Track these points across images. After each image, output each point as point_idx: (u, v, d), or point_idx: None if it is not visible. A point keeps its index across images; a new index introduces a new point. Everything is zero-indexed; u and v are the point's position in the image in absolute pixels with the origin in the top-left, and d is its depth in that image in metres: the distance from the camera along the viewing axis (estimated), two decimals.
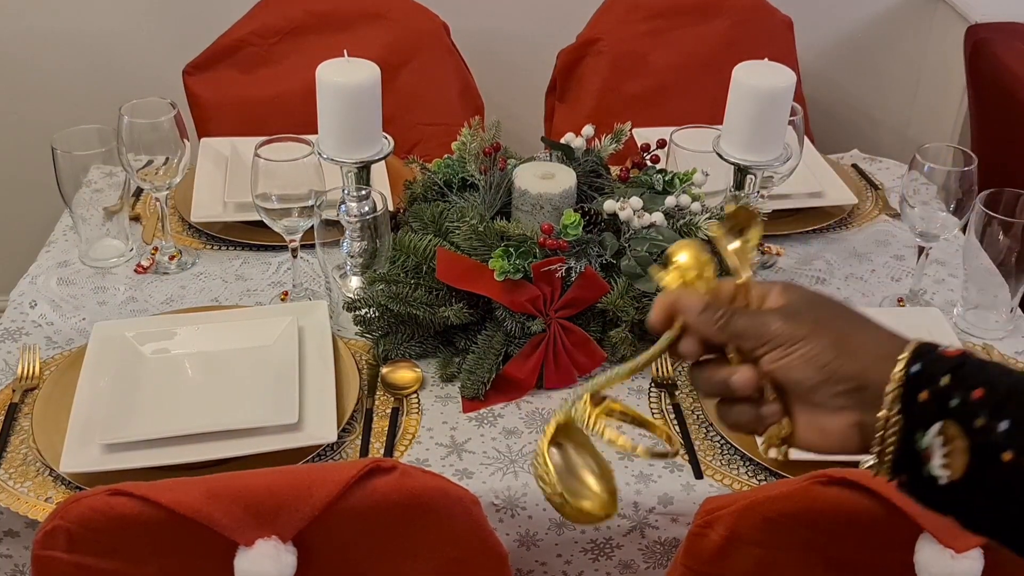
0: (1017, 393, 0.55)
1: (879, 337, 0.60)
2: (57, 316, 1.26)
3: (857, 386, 0.58)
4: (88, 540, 0.86)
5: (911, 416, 0.56)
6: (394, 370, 1.17)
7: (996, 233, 1.21)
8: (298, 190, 1.21)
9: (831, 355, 0.58)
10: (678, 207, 1.21)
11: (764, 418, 0.62)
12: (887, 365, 0.57)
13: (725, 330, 0.61)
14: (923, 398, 0.56)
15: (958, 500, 0.56)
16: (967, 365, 0.56)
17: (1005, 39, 2.00)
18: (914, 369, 0.57)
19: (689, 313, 0.62)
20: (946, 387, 0.56)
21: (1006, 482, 0.53)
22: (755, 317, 0.61)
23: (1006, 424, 0.53)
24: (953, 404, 0.55)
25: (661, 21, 1.98)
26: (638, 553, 1.05)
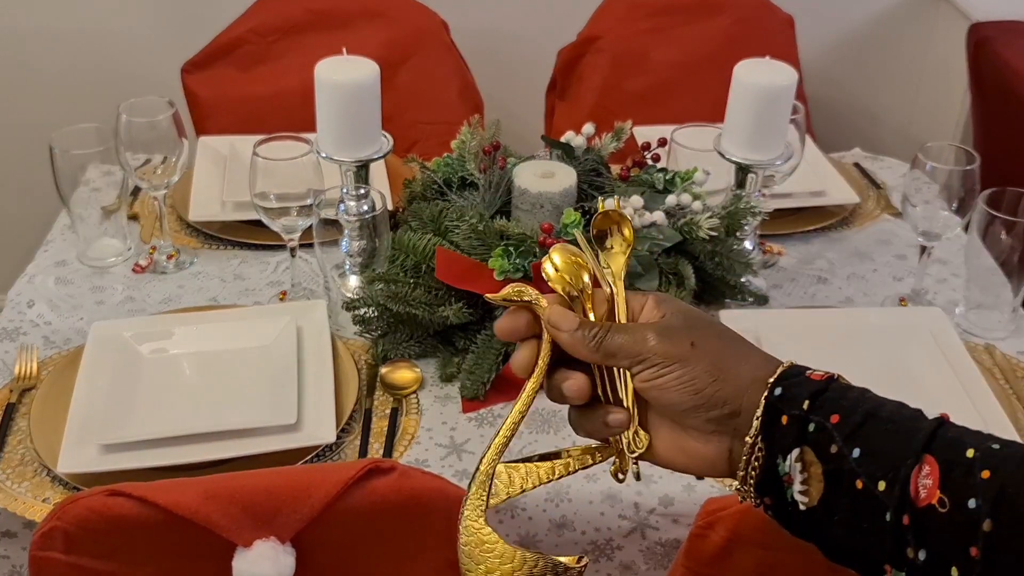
0: (873, 419, 0.54)
1: (754, 360, 0.58)
2: (55, 316, 1.26)
3: (731, 412, 0.57)
4: (86, 541, 0.86)
5: (772, 441, 0.56)
6: (393, 370, 1.16)
7: (998, 232, 1.20)
8: (297, 189, 1.21)
9: (707, 380, 0.57)
10: (679, 206, 1.21)
11: (610, 427, 0.60)
12: (758, 390, 0.57)
13: (600, 349, 0.58)
14: (784, 423, 0.56)
15: (818, 526, 0.55)
16: (829, 390, 0.56)
17: (1007, 37, 1.99)
18: (776, 393, 0.56)
19: (562, 333, 0.59)
20: (805, 412, 0.55)
21: (859, 509, 0.53)
22: (632, 334, 0.58)
23: (858, 451, 0.53)
24: (811, 430, 0.55)
25: (662, 19, 1.98)
26: (639, 554, 1.05)
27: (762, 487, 0.57)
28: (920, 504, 0.51)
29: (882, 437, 0.53)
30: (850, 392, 0.56)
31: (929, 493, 0.51)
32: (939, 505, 0.50)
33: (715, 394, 0.57)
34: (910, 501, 0.51)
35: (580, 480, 1.03)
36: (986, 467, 0.50)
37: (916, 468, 0.52)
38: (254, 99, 1.86)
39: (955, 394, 1.13)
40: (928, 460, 0.52)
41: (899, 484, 0.52)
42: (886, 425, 0.54)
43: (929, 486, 0.51)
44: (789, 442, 0.55)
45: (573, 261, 0.60)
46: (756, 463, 0.57)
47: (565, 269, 0.59)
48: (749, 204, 1.23)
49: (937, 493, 0.51)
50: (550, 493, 1.02)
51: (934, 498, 0.51)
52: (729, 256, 1.21)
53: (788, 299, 1.33)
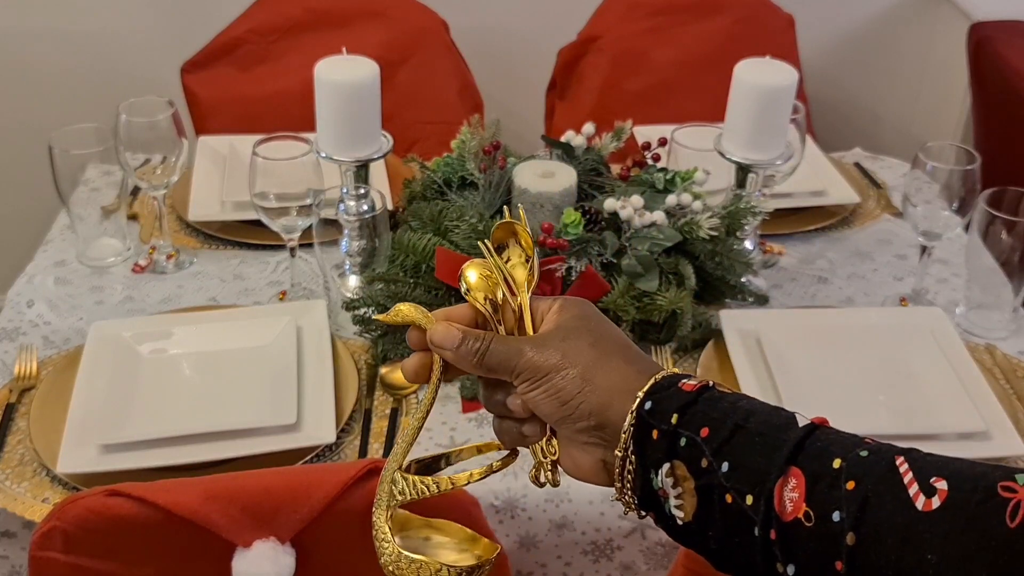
0: (741, 432, 0.53)
1: (625, 371, 0.57)
2: (54, 316, 1.26)
3: (598, 423, 0.56)
4: (85, 541, 0.86)
5: (644, 456, 0.55)
6: (393, 370, 1.16)
7: (999, 232, 1.20)
8: (296, 189, 1.21)
9: (574, 391, 0.56)
10: (679, 206, 1.21)
11: (526, 436, 0.61)
12: (626, 402, 0.56)
13: (482, 364, 0.59)
14: (655, 437, 0.55)
15: (697, 540, 0.55)
16: (700, 402, 0.55)
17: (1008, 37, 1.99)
18: (646, 407, 0.55)
19: (446, 352, 0.60)
20: (675, 426, 0.54)
21: (730, 524, 0.52)
22: (509, 347, 0.59)
23: (727, 465, 0.52)
24: (682, 444, 0.54)
25: (662, 18, 1.98)
26: (639, 555, 1.05)
27: (643, 502, 0.57)
28: (786, 518, 0.50)
29: (750, 450, 0.52)
30: (721, 403, 0.55)
31: (795, 507, 0.50)
32: (805, 519, 0.49)
33: (580, 405, 0.56)
34: (775, 515, 0.50)
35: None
36: (851, 477, 0.49)
37: (781, 481, 0.50)
38: (254, 99, 1.86)
39: (955, 394, 1.12)
40: (794, 472, 0.50)
41: (764, 498, 0.50)
42: (755, 437, 0.53)
43: (795, 499, 0.50)
44: (660, 456, 0.55)
45: (486, 276, 0.61)
46: (630, 475, 0.56)
47: (479, 285, 0.61)
48: (749, 204, 1.23)
49: (803, 506, 0.49)
50: (550, 494, 1.02)
51: (800, 511, 0.49)
52: (729, 256, 1.21)
53: (788, 299, 1.33)
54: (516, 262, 0.62)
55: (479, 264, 0.61)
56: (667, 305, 1.14)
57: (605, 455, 0.57)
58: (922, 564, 0.45)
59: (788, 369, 1.15)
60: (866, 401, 1.13)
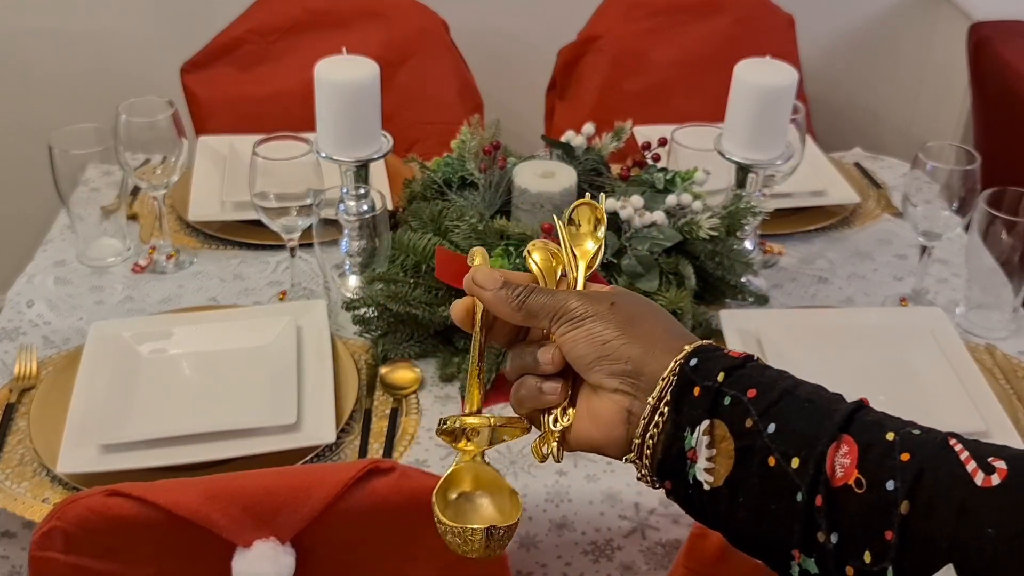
0: (791, 396, 0.53)
1: (670, 330, 0.58)
2: (54, 315, 1.26)
3: (633, 369, 0.56)
4: (85, 541, 0.86)
5: (680, 412, 0.55)
6: (393, 370, 1.16)
7: (999, 232, 1.20)
8: (296, 189, 1.21)
9: (615, 333, 0.57)
10: (679, 206, 1.21)
11: (544, 393, 0.60)
12: (668, 355, 0.56)
13: (522, 308, 0.59)
14: (696, 394, 0.54)
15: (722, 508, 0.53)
16: (746, 367, 0.55)
17: (1008, 37, 1.99)
18: (691, 363, 0.55)
19: (486, 292, 0.60)
20: (720, 384, 0.54)
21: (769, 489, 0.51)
22: (553, 295, 0.59)
23: (773, 427, 0.52)
24: (725, 402, 0.53)
25: (662, 18, 1.98)
26: (639, 555, 1.05)
27: (663, 467, 0.56)
28: (836, 483, 0.49)
29: (800, 414, 0.52)
30: (767, 371, 0.55)
31: (846, 472, 0.49)
32: (856, 485, 0.49)
33: (619, 347, 0.56)
34: (825, 480, 0.49)
35: (580, 480, 1.03)
36: (905, 450, 0.49)
37: (833, 446, 0.50)
38: (253, 99, 1.86)
39: (955, 394, 1.12)
40: (846, 439, 0.50)
41: (814, 462, 0.50)
42: (804, 403, 0.53)
43: (847, 465, 0.49)
44: (699, 414, 0.54)
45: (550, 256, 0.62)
46: (655, 430, 0.55)
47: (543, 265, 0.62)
48: (749, 204, 1.23)
49: (855, 473, 0.49)
50: (550, 494, 1.02)
51: (851, 478, 0.49)
52: (729, 256, 1.21)
53: (789, 299, 1.33)
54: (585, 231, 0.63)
55: (542, 246, 0.63)
56: (667, 305, 1.14)
57: (632, 404, 0.57)
58: (979, 537, 0.45)
59: (788, 369, 1.14)
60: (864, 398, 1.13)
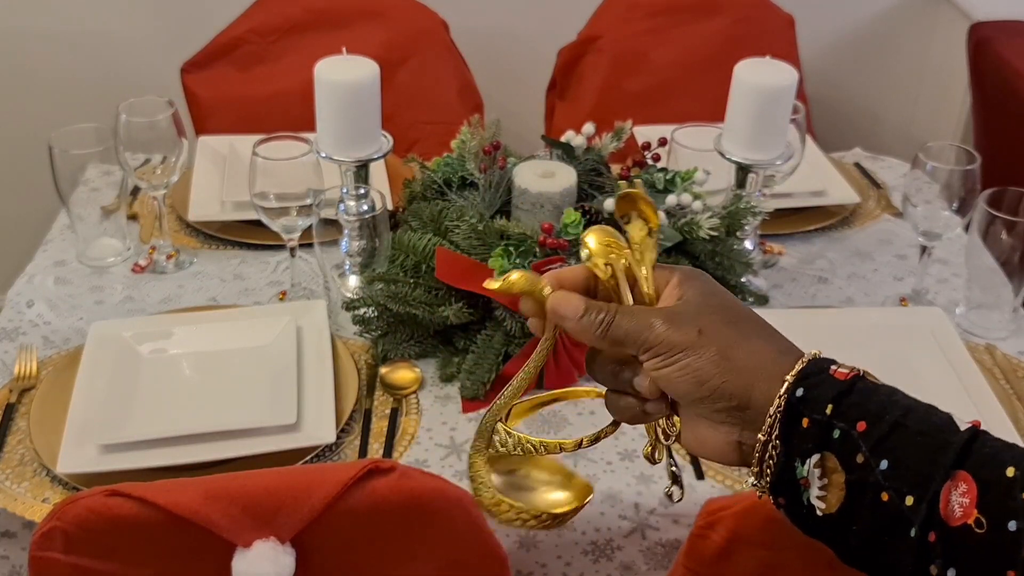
0: (901, 429, 0.52)
1: (766, 353, 0.55)
2: (54, 315, 1.26)
3: (739, 405, 0.55)
4: (85, 541, 0.86)
5: (790, 444, 0.54)
6: (393, 370, 1.16)
7: (999, 232, 1.20)
8: (296, 189, 1.21)
9: (713, 371, 0.54)
10: (679, 206, 1.21)
11: (649, 415, 0.59)
12: (772, 386, 0.54)
13: (607, 336, 0.56)
14: (805, 425, 0.53)
15: (835, 533, 0.53)
16: (854, 392, 0.53)
17: (1008, 37, 1.99)
18: (798, 394, 0.53)
19: (567, 322, 0.57)
20: (829, 417, 0.53)
21: (882, 522, 0.51)
22: (638, 320, 0.56)
23: (886, 463, 0.51)
24: (835, 436, 0.52)
25: (662, 19, 1.98)
26: (639, 555, 1.05)
27: (777, 487, 0.55)
28: (953, 523, 0.49)
29: (912, 449, 0.51)
30: (876, 395, 0.53)
31: (965, 512, 0.49)
32: (976, 526, 0.48)
33: (721, 386, 0.54)
34: (939, 519, 0.49)
35: None
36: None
37: (948, 485, 0.49)
38: (253, 99, 1.86)
39: (956, 394, 1.12)
40: (963, 477, 0.49)
41: (928, 501, 0.49)
42: (916, 436, 0.51)
43: (966, 505, 0.49)
44: (809, 446, 0.53)
45: (608, 243, 0.59)
46: (771, 460, 0.54)
47: (599, 251, 0.58)
48: (749, 204, 1.23)
49: (975, 512, 0.48)
50: None
51: (971, 517, 0.48)
52: (729, 256, 1.21)
53: (788, 299, 1.33)
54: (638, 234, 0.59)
55: (600, 230, 0.59)
56: None
57: (742, 436, 0.55)
58: None
59: None
60: None
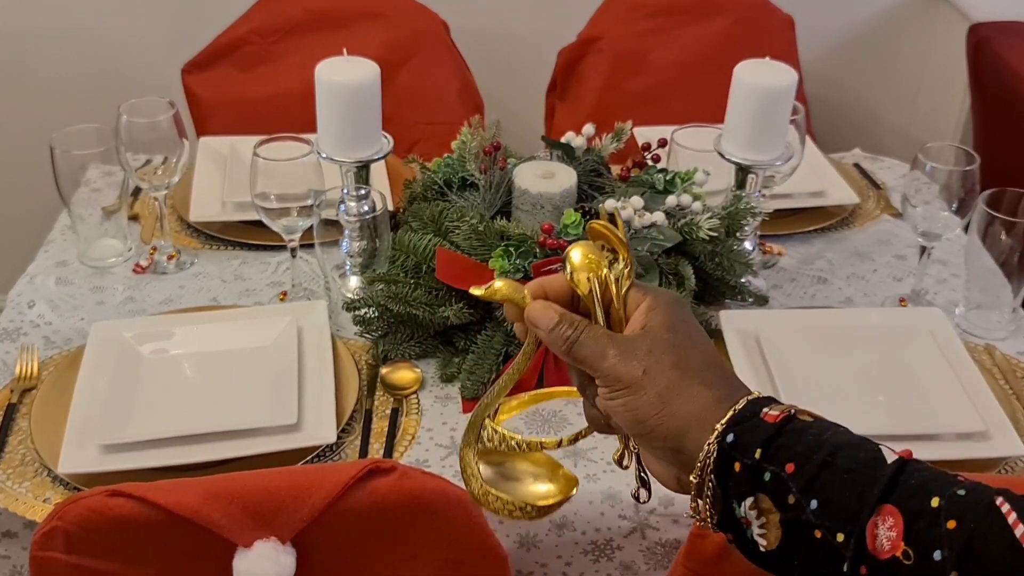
0: (828, 469, 0.53)
1: (704, 399, 0.57)
2: (55, 316, 1.26)
3: (674, 447, 0.57)
4: (87, 541, 0.86)
5: (726, 487, 0.56)
6: (394, 370, 1.16)
7: (998, 233, 1.20)
8: (297, 189, 1.21)
9: (650, 412, 0.57)
10: (679, 207, 1.21)
11: (612, 428, 0.62)
12: (704, 432, 0.56)
13: (569, 352, 0.60)
14: (737, 469, 0.55)
15: (779, 567, 0.55)
16: (783, 435, 0.55)
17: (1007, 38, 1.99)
18: (729, 439, 0.55)
19: (540, 331, 0.61)
20: (759, 460, 0.54)
21: (818, 558, 0.53)
22: (597, 346, 0.59)
23: (815, 503, 0.52)
24: (766, 479, 0.54)
25: (662, 19, 1.98)
26: (639, 554, 1.05)
27: (722, 523, 0.57)
28: (883, 556, 0.50)
29: (840, 487, 0.52)
30: (805, 435, 0.55)
31: (893, 545, 0.50)
32: (903, 557, 0.49)
33: (656, 427, 0.57)
34: (869, 554, 0.50)
35: (580, 480, 1.03)
36: (952, 516, 0.49)
37: (873, 520, 0.51)
38: (254, 100, 1.86)
39: (955, 394, 1.13)
40: (889, 510, 0.51)
41: (856, 537, 0.51)
42: (843, 474, 0.53)
43: (893, 538, 0.50)
44: (744, 489, 0.55)
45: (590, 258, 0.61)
46: (708, 499, 0.56)
47: (582, 266, 0.61)
48: (749, 204, 1.23)
49: (902, 545, 0.50)
50: None
51: (898, 550, 0.50)
52: (729, 256, 1.21)
53: (788, 299, 1.33)
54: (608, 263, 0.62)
55: (585, 245, 0.62)
56: None
57: (680, 474, 0.58)
58: None
59: (787, 369, 1.15)
60: (865, 401, 1.13)
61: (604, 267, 0.61)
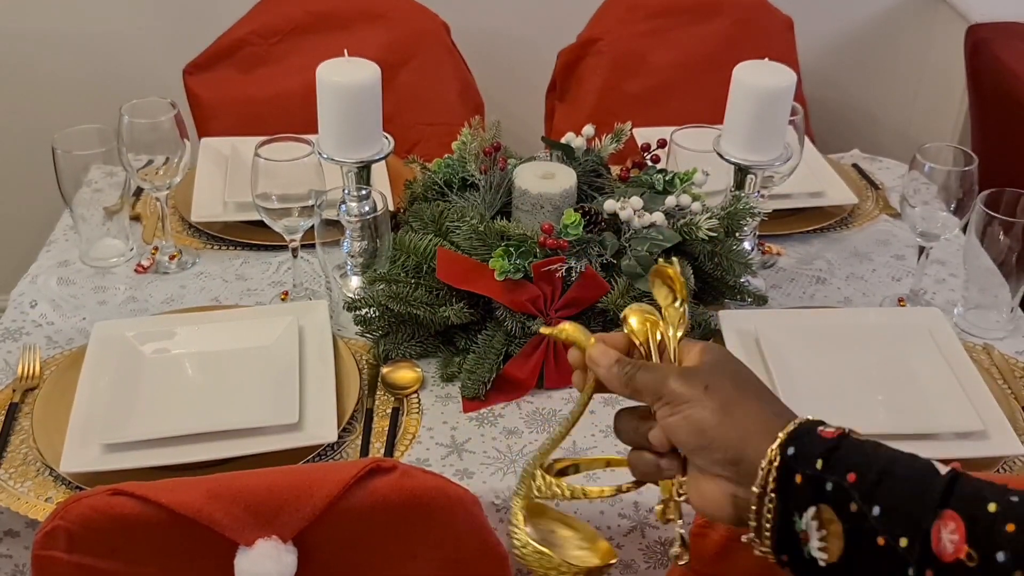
0: (888, 477, 0.55)
1: (763, 412, 0.61)
2: (57, 316, 1.26)
3: (733, 457, 0.60)
4: (88, 540, 0.86)
5: (787, 498, 0.57)
6: (394, 370, 1.17)
7: (996, 233, 1.21)
8: (298, 190, 1.21)
9: (713, 421, 0.60)
10: (678, 207, 1.21)
11: (662, 470, 0.65)
12: (765, 441, 0.58)
13: (629, 384, 0.64)
14: (798, 481, 0.57)
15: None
16: (842, 448, 0.57)
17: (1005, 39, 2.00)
18: (790, 452, 0.58)
19: (600, 368, 0.66)
20: (820, 471, 0.56)
21: (882, 565, 0.54)
22: (656, 374, 0.63)
23: (878, 509, 0.54)
24: (828, 488, 0.56)
25: (661, 20, 1.98)
26: (639, 553, 1.05)
27: (780, 545, 0.59)
28: (946, 559, 0.52)
29: (901, 494, 0.55)
30: (862, 448, 0.58)
31: (956, 548, 0.52)
32: (967, 559, 0.51)
33: (718, 437, 0.60)
34: (933, 556, 0.52)
35: (580, 479, 1.03)
36: (1010, 520, 0.51)
37: (937, 523, 0.53)
38: (255, 100, 1.86)
39: (953, 394, 1.13)
40: (951, 515, 0.53)
41: (920, 541, 0.53)
42: (903, 483, 0.55)
43: (956, 541, 0.52)
44: (805, 500, 0.57)
45: (645, 319, 0.67)
46: (768, 515, 0.58)
47: (639, 330, 0.67)
48: (748, 205, 1.24)
49: (965, 548, 0.52)
50: None
51: (962, 553, 0.52)
52: (728, 256, 1.22)
53: (787, 299, 1.33)
54: (667, 303, 0.68)
55: (639, 309, 0.68)
56: None
57: (736, 491, 0.60)
58: None
59: (787, 369, 1.16)
60: (864, 401, 1.14)
61: (658, 323, 0.67)
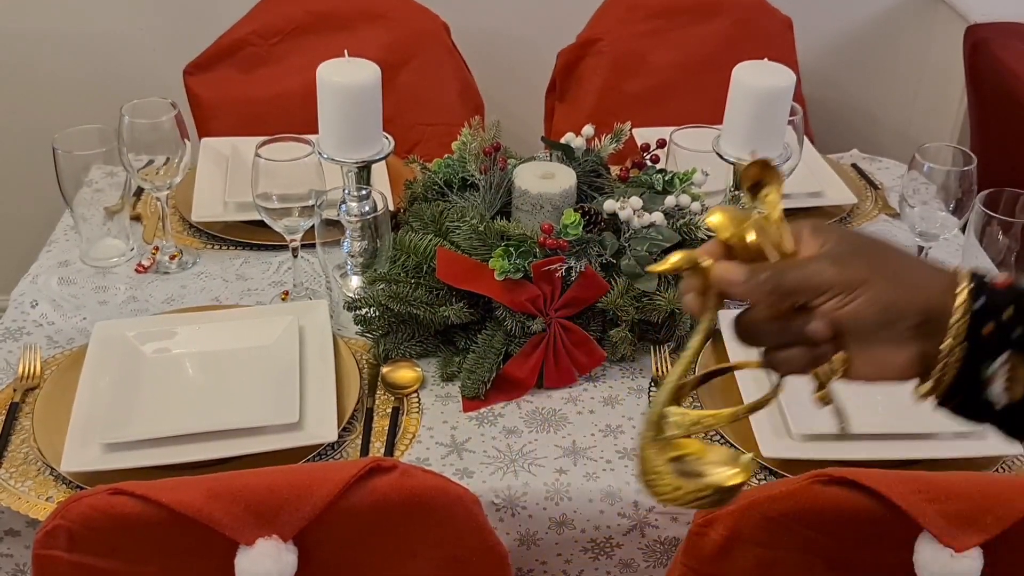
0: None
1: (924, 268, 0.62)
2: (58, 315, 1.26)
3: (922, 320, 0.59)
4: (89, 539, 0.86)
5: (976, 347, 0.59)
6: (394, 369, 1.17)
7: (995, 233, 1.21)
8: (299, 190, 1.21)
9: (896, 292, 0.59)
10: (678, 207, 1.22)
11: (819, 358, 0.61)
12: (947, 297, 0.59)
13: (777, 291, 0.60)
14: (988, 330, 0.58)
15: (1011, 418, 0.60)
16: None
17: (1004, 39, 2.00)
18: (978, 303, 0.59)
19: (736, 283, 0.61)
20: (1009, 319, 0.58)
21: None
22: (804, 270, 0.59)
23: None
24: (1015, 336, 0.58)
25: (661, 21, 1.98)
26: (638, 552, 1.05)
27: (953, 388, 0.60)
28: None
29: None
30: None
31: None
32: None
33: (906, 305, 0.59)
34: None
35: (580, 479, 1.04)
36: None
37: None
38: (256, 101, 1.86)
39: None
40: None
41: None
42: None
43: None
44: (994, 348, 0.58)
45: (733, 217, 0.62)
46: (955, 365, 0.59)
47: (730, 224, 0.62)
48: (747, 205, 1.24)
49: None
50: (550, 492, 1.03)
51: None
52: None
53: None
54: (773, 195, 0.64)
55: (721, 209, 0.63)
56: (666, 305, 1.15)
57: (925, 348, 0.60)
58: None
59: None
60: (864, 400, 1.14)
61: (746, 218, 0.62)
